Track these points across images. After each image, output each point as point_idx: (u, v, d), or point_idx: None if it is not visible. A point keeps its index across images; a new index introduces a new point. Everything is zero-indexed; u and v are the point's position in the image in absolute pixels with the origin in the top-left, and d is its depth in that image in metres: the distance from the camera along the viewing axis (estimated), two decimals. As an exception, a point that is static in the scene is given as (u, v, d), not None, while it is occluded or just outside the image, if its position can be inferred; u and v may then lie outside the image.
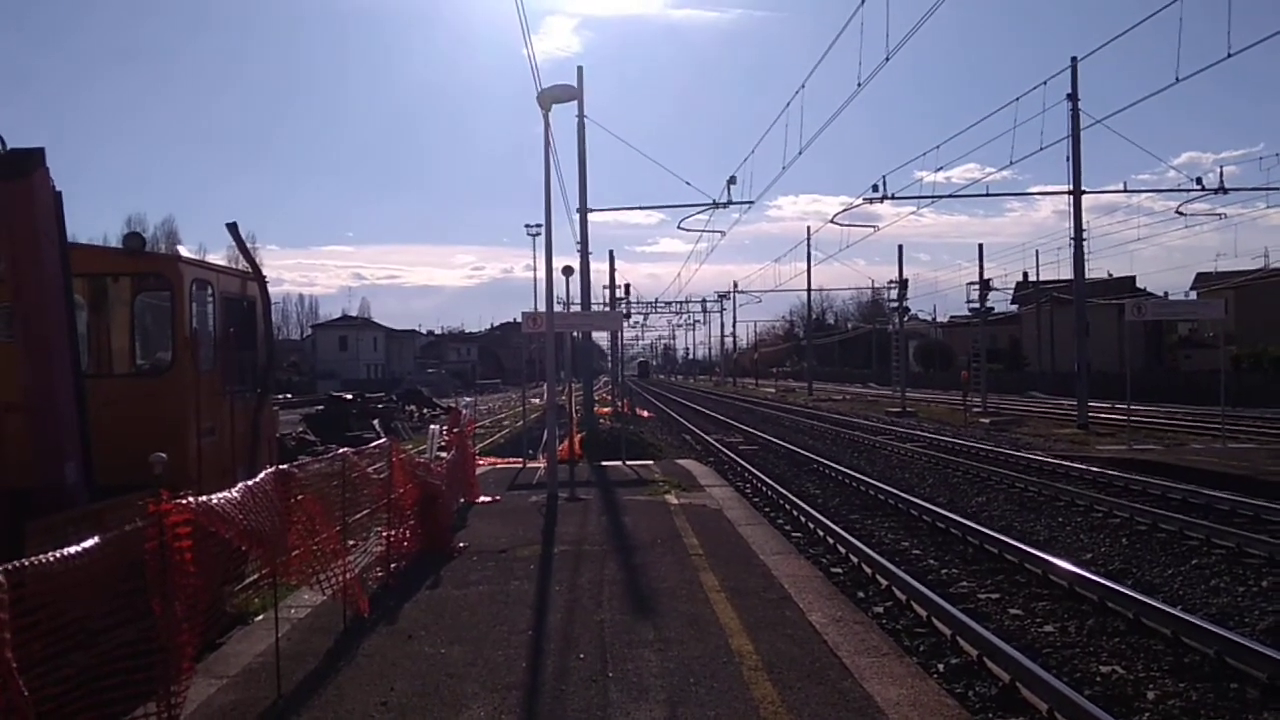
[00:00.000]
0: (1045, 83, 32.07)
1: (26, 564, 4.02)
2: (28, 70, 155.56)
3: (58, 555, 4.29)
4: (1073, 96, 34.34)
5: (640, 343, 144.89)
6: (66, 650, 4.45)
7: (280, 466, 7.35)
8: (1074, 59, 34.41)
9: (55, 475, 7.86)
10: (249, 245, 11.32)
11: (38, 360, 7.96)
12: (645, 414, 50.36)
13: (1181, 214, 39.81)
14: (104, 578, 4.79)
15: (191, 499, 5.40)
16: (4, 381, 8.24)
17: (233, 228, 10.59)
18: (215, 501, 5.70)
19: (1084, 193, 36.31)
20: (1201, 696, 7.72)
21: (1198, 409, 38.70)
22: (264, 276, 11.41)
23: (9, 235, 7.82)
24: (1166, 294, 64.10)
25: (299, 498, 7.20)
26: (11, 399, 8.12)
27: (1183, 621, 9.05)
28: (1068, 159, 35.29)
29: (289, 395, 65.98)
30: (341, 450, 10.01)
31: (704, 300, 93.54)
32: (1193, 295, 68.64)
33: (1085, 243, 37.48)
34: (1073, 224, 36.65)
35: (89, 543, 4.57)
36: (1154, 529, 14.50)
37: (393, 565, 10.41)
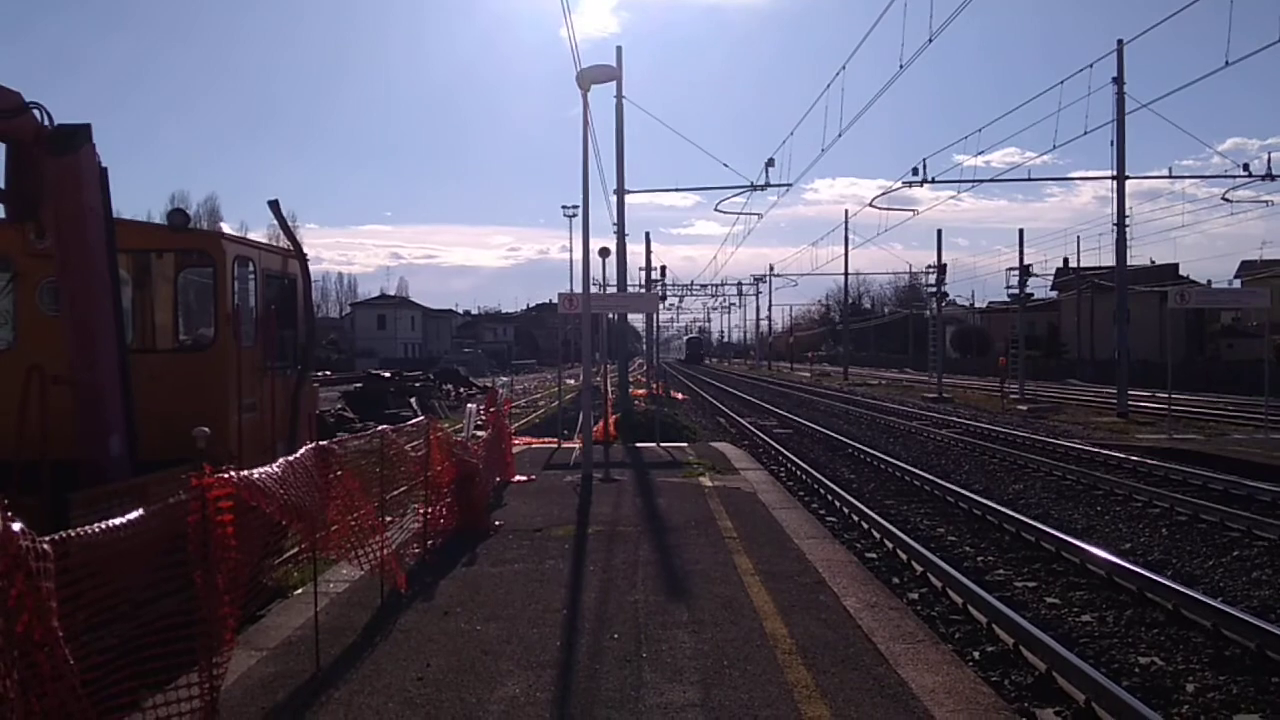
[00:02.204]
0: (1091, 66, 31.62)
1: (72, 534, 4.07)
2: (77, 50, 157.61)
3: (102, 526, 4.33)
4: (1118, 80, 33.78)
5: (675, 325, 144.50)
6: (110, 620, 4.51)
7: (320, 442, 7.41)
8: (1120, 42, 33.87)
9: (100, 448, 7.98)
10: (289, 223, 11.36)
11: (83, 334, 8.07)
12: (679, 396, 50.32)
13: (1228, 200, 39.10)
14: (147, 550, 4.85)
15: (233, 473, 5.44)
16: (50, 355, 8.37)
17: (274, 205, 10.63)
18: (256, 476, 5.74)
19: (1128, 178, 35.74)
20: (1242, 690, 7.63)
21: (1240, 399, 38.07)
22: (305, 254, 11.49)
23: (56, 211, 7.93)
24: (1210, 282, 63.17)
25: (338, 473, 7.26)
26: (58, 372, 8.24)
27: (1223, 614, 8.93)
28: (1112, 143, 34.74)
29: (328, 373, 66.51)
30: (380, 428, 10.08)
31: (740, 283, 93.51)
32: (1237, 283, 67.51)
33: (1128, 229, 36.89)
34: (1115, 210, 36.04)
35: (133, 515, 4.62)
36: (1195, 520, 14.31)
37: (430, 542, 10.49)
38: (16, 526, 3.58)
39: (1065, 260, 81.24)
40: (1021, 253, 50.53)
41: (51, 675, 3.75)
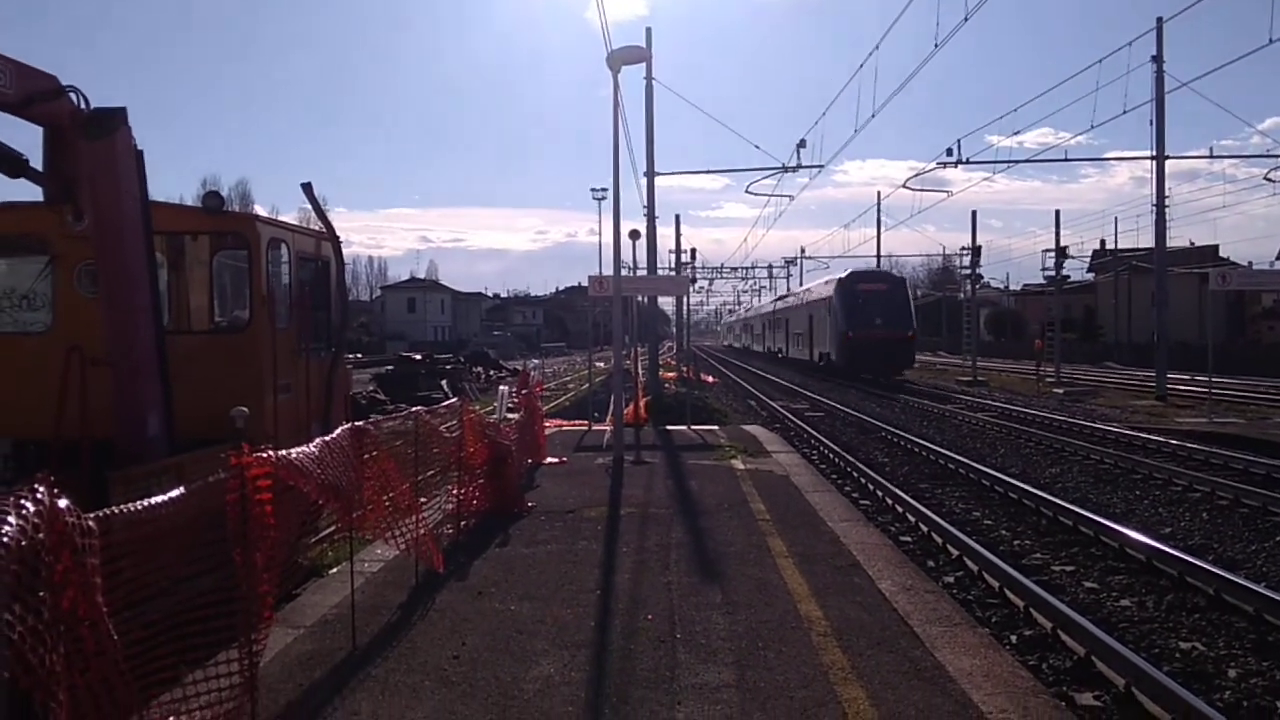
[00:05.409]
0: (1129, 44, 31.14)
1: (115, 512, 4.10)
2: (107, 31, 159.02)
3: (144, 504, 4.37)
4: (1158, 59, 33.22)
5: (705, 308, 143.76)
6: (152, 597, 4.55)
7: (356, 423, 7.43)
8: (1159, 19, 33.32)
9: (138, 428, 8.06)
10: (321, 206, 11.39)
11: (121, 316, 8.14)
12: (710, 379, 50.22)
13: (1270, 180, 38.47)
14: (187, 528, 4.88)
15: (272, 452, 5.46)
16: (89, 337, 8.46)
17: (307, 188, 10.64)
18: (294, 456, 5.77)
19: (1167, 158, 35.18)
20: (1286, 676, 7.50)
21: (1282, 382, 37.49)
22: (338, 237, 11.51)
23: (92, 194, 7.98)
24: (1250, 263, 62.09)
25: (374, 454, 7.28)
26: (97, 353, 8.33)
27: (1266, 599, 8.79)
28: (1151, 123, 34.19)
29: (359, 355, 67.01)
30: (414, 409, 10.11)
31: (770, 266, 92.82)
32: (1278, 265, 66.38)
33: (1167, 210, 36.32)
34: (1154, 190, 35.55)
35: (174, 493, 4.65)
36: (1236, 504, 14.09)
37: (463, 523, 10.54)
38: (63, 503, 3.61)
39: (1102, 242, 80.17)
40: (1058, 234, 50.02)
41: (95, 651, 3.78)
